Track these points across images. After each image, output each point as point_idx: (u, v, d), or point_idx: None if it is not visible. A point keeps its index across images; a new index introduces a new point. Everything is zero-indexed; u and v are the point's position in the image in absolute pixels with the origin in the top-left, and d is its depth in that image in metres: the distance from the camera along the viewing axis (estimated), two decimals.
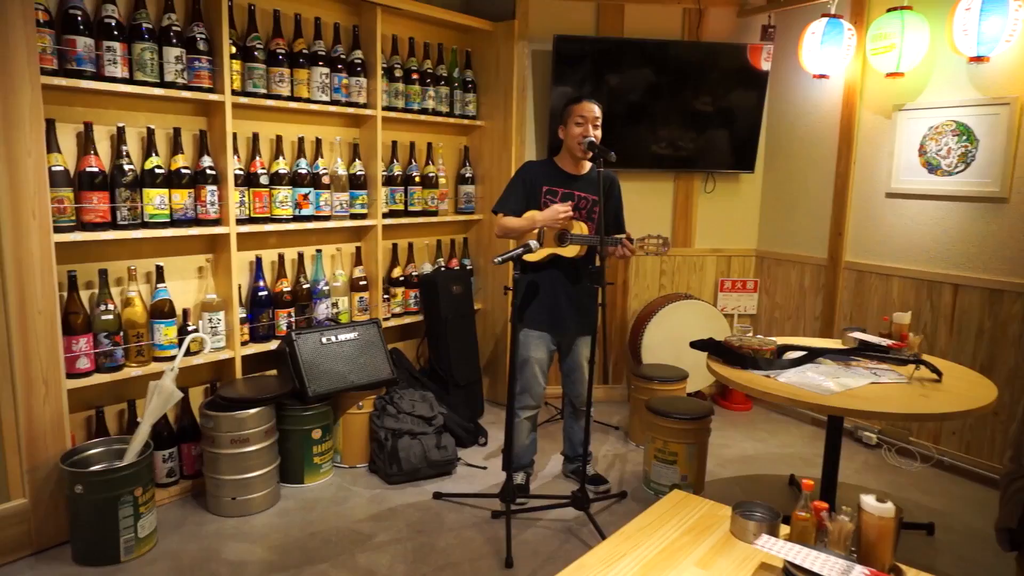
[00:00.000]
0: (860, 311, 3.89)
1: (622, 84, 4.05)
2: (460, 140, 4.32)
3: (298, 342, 3.16)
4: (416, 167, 3.92)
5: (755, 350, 2.77)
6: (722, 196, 4.39)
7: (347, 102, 3.47)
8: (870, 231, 3.82)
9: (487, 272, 4.35)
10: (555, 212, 2.83)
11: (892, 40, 3.34)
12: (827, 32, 3.61)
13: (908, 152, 3.60)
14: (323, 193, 3.42)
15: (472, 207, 4.26)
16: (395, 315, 3.91)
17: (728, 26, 4.23)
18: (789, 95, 4.20)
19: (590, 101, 2.90)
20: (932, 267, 3.54)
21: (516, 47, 4.00)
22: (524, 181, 2.98)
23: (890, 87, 3.65)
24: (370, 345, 3.43)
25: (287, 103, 3.20)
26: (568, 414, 3.24)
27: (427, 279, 3.95)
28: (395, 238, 3.96)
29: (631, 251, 2.83)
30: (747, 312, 4.50)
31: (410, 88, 3.80)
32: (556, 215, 2.83)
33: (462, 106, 4.10)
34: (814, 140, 4.09)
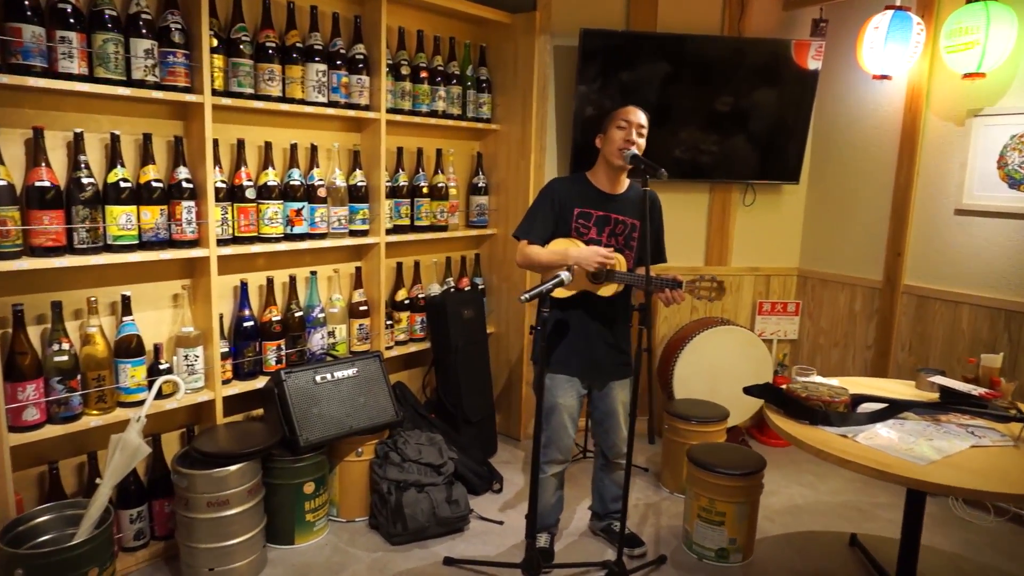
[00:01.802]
0: (922, 342, 3.46)
1: (657, 84, 3.61)
2: (472, 146, 3.89)
3: (288, 382, 2.73)
4: (424, 176, 3.49)
5: (826, 402, 2.34)
6: (762, 209, 3.96)
7: (347, 103, 3.04)
8: (935, 251, 3.39)
9: (500, 292, 3.92)
10: (595, 253, 2.40)
11: (975, 36, 2.90)
12: (893, 27, 3.17)
13: (984, 164, 3.17)
14: (319, 207, 2.99)
15: (485, 220, 3.83)
16: (399, 343, 3.49)
17: (773, 20, 3.79)
18: (841, 98, 3.76)
19: (635, 106, 2.47)
20: (1011, 295, 3.12)
21: (537, 42, 3.57)
22: (552, 202, 2.55)
23: (963, 90, 3.21)
24: (371, 382, 3.00)
25: (278, 105, 2.77)
26: (599, 466, 2.81)
27: (435, 302, 3.53)
28: (400, 256, 3.53)
29: (680, 298, 2.41)
30: (787, 337, 4.07)
31: (418, 88, 3.37)
32: (596, 256, 2.39)
33: (475, 108, 3.67)
34: (869, 148, 3.65)
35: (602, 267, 2.41)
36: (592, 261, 2.39)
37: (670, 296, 2.41)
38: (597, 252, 2.40)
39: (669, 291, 2.42)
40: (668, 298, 2.42)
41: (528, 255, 2.52)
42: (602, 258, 2.39)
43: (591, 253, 2.40)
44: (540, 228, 2.55)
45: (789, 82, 3.67)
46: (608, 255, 2.40)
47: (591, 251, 2.41)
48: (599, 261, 2.39)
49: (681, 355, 3.69)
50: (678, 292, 2.41)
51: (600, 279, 2.50)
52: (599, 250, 2.41)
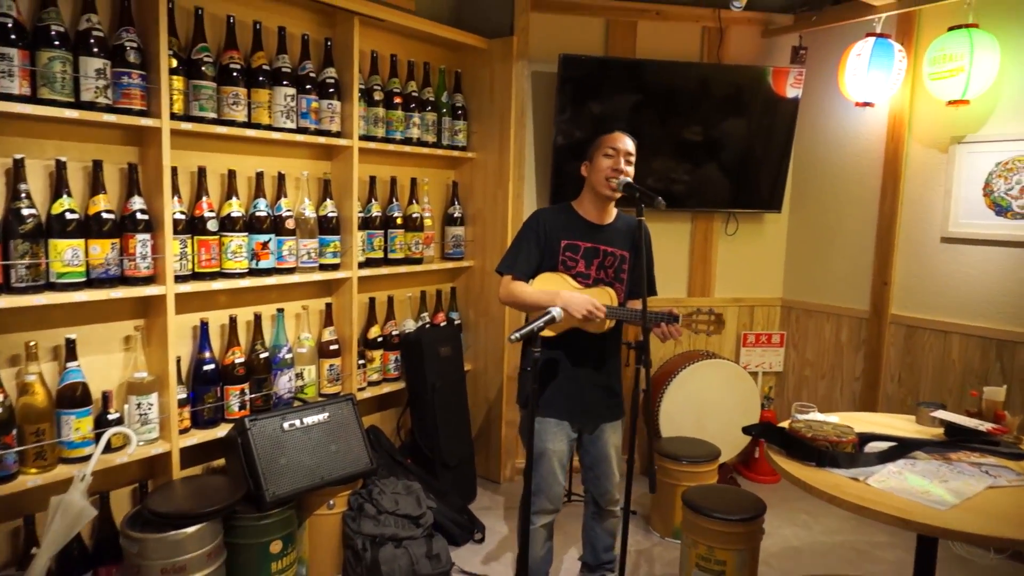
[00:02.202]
0: (912, 373, 3.38)
1: (637, 111, 3.52)
2: (448, 175, 3.73)
3: (253, 430, 2.50)
4: (398, 207, 3.32)
5: (833, 442, 2.21)
6: (745, 238, 3.88)
7: (317, 130, 2.86)
8: (922, 280, 3.34)
9: (478, 327, 3.74)
10: (587, 300, 2.22)
11: (959, 62, 2.88)
12: (875, 54, 3.14)
13: (970, 191, 3.13)
14: (287, 240, 2.79)
15: (461, 252, 3.67)
16: (372, 383, 3.27)
17: (752, 48, 3.75)
18: (823, 125, 3.72)
19: (623, 133, 2.35)
20: (1002, 324, 3.06)
21: (514, 68, 3.46)
22: (538, 235, 2.40)
23: (946, 117, 3.19)
24: (343, 428, 2.78)
25: (243, 130, 2.58)
26: (591, 514, 2.63)
27: (410, 340, 3.33)
28: (373, 291, 3.34)
29: (677, 333, 2.27)
30: (772, 370, 3.97)
31: (392, 114, 3.21)
32: (587, 304, 2.21)
33: (451, 135, 3.53)
34: (852, 176, 3.61)
35: (590, 317, 2.24)
36: (582, 309, 2.22)
37: (666, 331, 2.28)
38: (589, 300, 2.24)
39: (665, 326, 2.28)
40: (664, 333, 2.28)
41: (513, 292, 2.36)
42: (592, 308, 2.22)
43: (583, 301, 2.23)
44: (525, 262, 2.39)
45: (769, 109, 3.62)
46: (598, 309, 2.24)
47: (583, 299, 2.24)
48: (589, 311, 2.22)
49: (667, 391, 3.55)
50: (675, 327, 2.27)
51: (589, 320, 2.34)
52: (594, 303, 2.24)
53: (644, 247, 2.45)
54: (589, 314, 2.22)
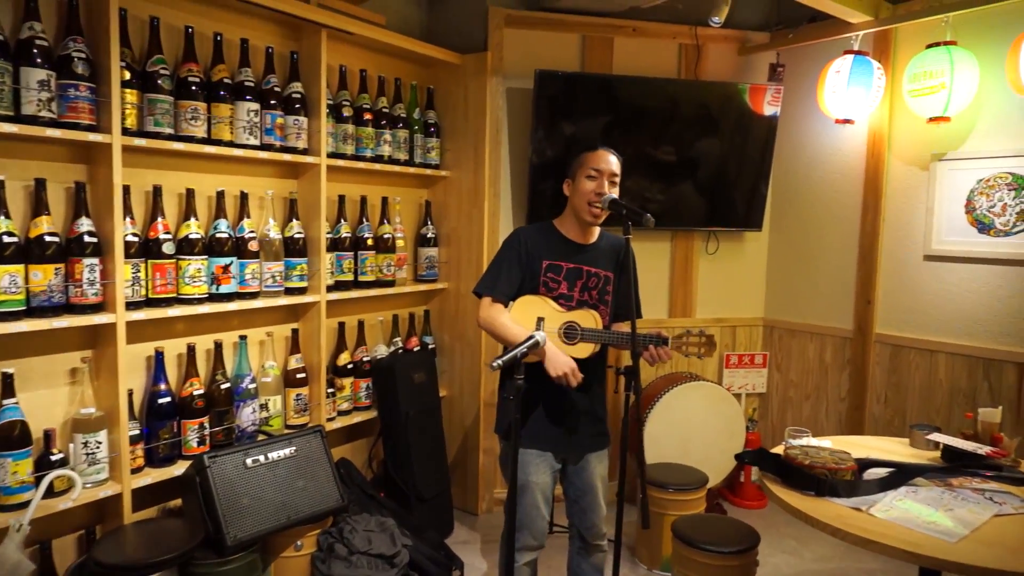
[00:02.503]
0: (898, 393, 3.31)
1: (614, 128, 3.44)
2: (420, 194, 3.60)
3: (213, 468, 2.32)
4: (368, 227, 3.18)
5: (831, 470, 2.10)
6: (726, 257, 3.81)
7: (283, 147, 2.72)
8: (906, 299, 3.28)
9: (453, 352, 3.60)
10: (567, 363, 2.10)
11: (940, 79, 2.85)
12: (854, 71, 3.11)
13: (952, 208, 3.10)
14: (250, 263, 2.62)
15: (435, 273, 3.53)
16: (342, 413, 3.10)
17: (730, 65, 3.71)
18: (801, 142, 3.68)
19: (607, 151, 2.25)
20: (989, 342, 3.01)
21: (488, 84, 3.36)
22: (519, 255, 2.27)
23: (926, 134, 3.16)
24: (312, 462, 2.60)
25: (202, 147, 2.42)
26: (576, 549, 2.47)
27: (382, 366, 3.17)
28: (342, 315, 3.18)
29: (667, 356, 2.16)
30: (756, 391, 3.88)
31: (361, 131, 3.08)
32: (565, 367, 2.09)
33: (423, 153, 3.41)
34: (832, 194, 3.56)
35: (562, 382, 2.12)
36: (557, 369, 2.10)
37: (655, 354, 2.16)
38: (568, 363, 2.11)
39: (654, 348, 2.16)
40: (653, 356, 2.17)
41: (493, 323, 2.21)
42: (569, 374, 2.10)
43: (562, 362, 2.11)
44: (506, 283, 2.26)
45: (747, 126, 3.57)
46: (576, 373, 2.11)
47: (563, 360, 2.11)
48: (563, 373, 2.10)
49: (650, 415, 3.43)
50: (664, 350, 2.16)
51: (574, 337, 2.22)
52: (570, 362, 2.11)
53: (626, 265, 2.36)
54: (564, 379, 2.10)
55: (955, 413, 3.11)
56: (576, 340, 2.21)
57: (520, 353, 1.95)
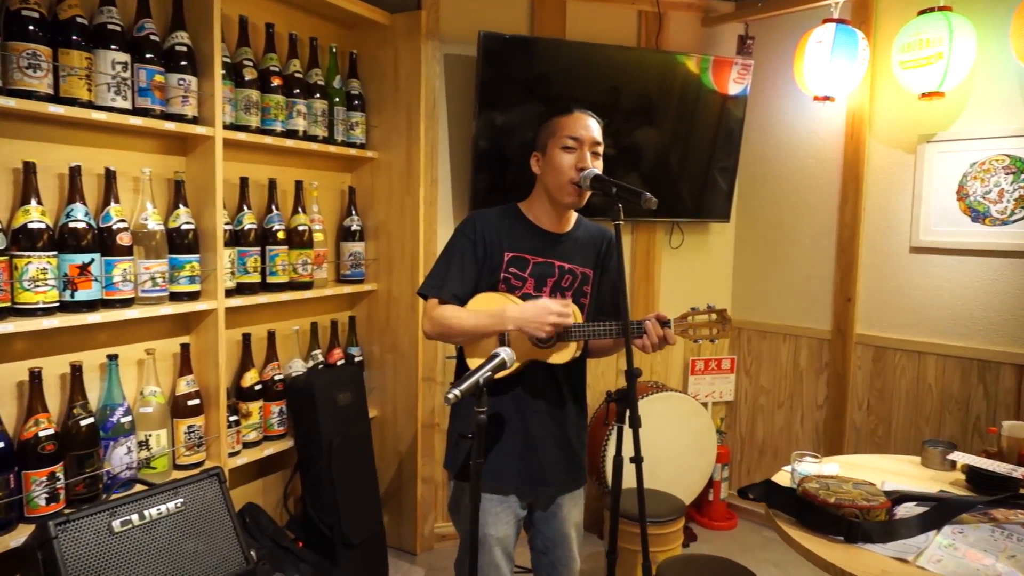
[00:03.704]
0: (882, 399, 3.01)
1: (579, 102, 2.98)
2: (342, 178, 3.05)
3: (62, 538, 1.71)
4: (279, 217, 2.61)
5: (862, 508, 1.71)
6: (690, 251, 3.43)
7: (164, 113, 2.13)
8: (891, 295, 2.98)
9: (385, 365, 3.07)
10: (545, 310, 1.65)
11: (937, 48, 2.53)
12: (838, 41, 2.77)
13: (941, 195, 2.81)
14: (120, 261, 2.02)
15: (361, 273, 2.99)
16: (248, 445, 2.52)
17: (695, 36, 3.33)
18: (773, 124, 3.34)
19: (585, 113, 1.79)
20: (983, 342, 2.73)
21: (423, 48, 2.84)
22: (475, 245, 1.79)
23: (912, 113, 2.86)
24: (206, 516, 2.02)
25: (45, 105, 1.81)
26: None
27: (299, 386, 2.61)
28: (247, 325, 2.60)
29: (670, 340, 1.73)
30: (723, 399, 3.52)
31: (269, 99, 2.51)
32: (547, 316, 1.65)
33: (346, 130, 2.86)
34: (807, 181, 3.23)
35: (558, 328, 1.66)
36: (543, 324, 1.64)
37: (653, 341, 1.72)
38: (547, 309, 1.65)
39: (651, 327, 1.73)
40: (653, 343, 1.73)
41: (443, 320, 1.72)
42: (556, 318, 1.65)
43: (539, 311, 1.65)
44: (457, 281, 1.77)
45: (711, 104, 3.19)
46: (563, 310, 1.66)
47: (539, 308, 1.66)
48: (553, 323, 1.65)
49: (613, 433, 3.00)
50: (667, 332, 1.72)
51: (550, 339, 1.75)
52: (549, 304, 1.66)
53: (610, 257, 1.92)
54: (555, 327, 1.64)
55: (947, 421, 2.83)
56: (552, 341, 1.74)
57: (484, 378, 1.47)
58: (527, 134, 2.95)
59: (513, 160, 2.93)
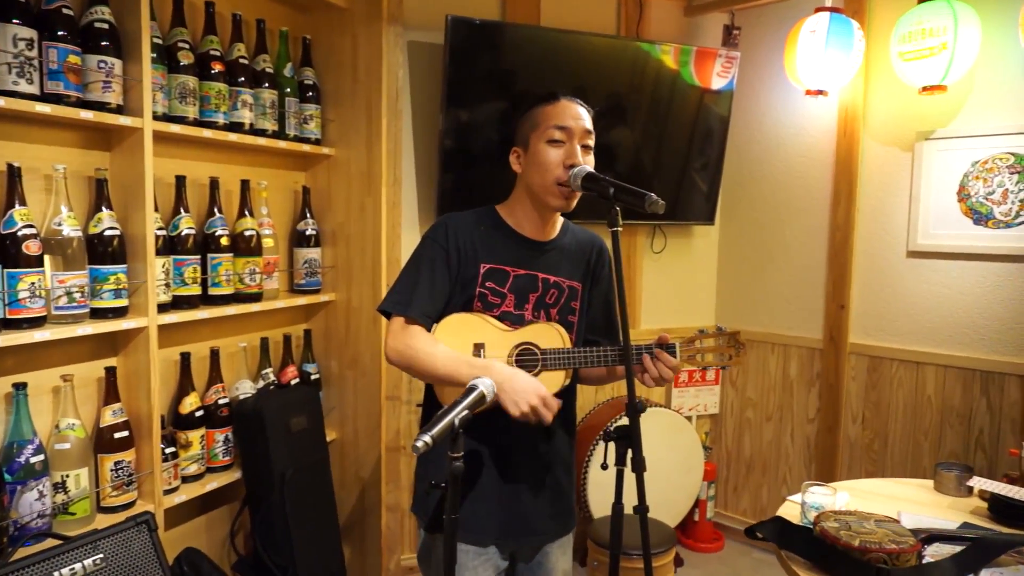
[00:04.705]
0: (878, 412, 2.84)
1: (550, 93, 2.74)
2: (295, 177, 2.76)
3: None
4: (222, 221, 2.31)
5: (890, 552, 1.51)
6: (673, 257, 3.22)
7: (81, 100, 1.83)
8: (886, 303, 2.81)
9: (344, 382, 2.79)
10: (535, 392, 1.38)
11: (942, 39, 2.36)
12: (832, 31, 2.59)
13: (941, 196, 2.65)
14: (26, 274, 1.72)
15: (317, 282, 2.71)
16: (189, 479, 2.22)
17: (678, 26, 3.13)
18: (760, 120, 3.15)
19: (573, 101, 1.54)
20: (986, 352, 2.58)
21: (385, 35, 2.57)
22: (448, 253, 1.53)
23: (909, 109, 2.70)
24: (134, 571, 1.73)
25: None
26: None
27: (246, 411, 2.32)
28: (186, 343, 2.30)
29: (677, 369, 1.51)
30: (708, 412, 3.32)
31: (209, 87, 2.21)
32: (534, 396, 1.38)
33: (299, 124, 2.58)
34: (797, 181, 3.05)
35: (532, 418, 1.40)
36: (522, 403, 1.37)
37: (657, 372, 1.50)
38: (536, 391, 1.39)
39: (652, 362, 1.50)
40: (656, 375, 1.51)
41: (411, 353, 1.45)
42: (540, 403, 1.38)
43: (527, 389, 1.38)
44: (427, 296, 1.51)
45: (695, 98, 2.99)
46: (551, 402, 1.41)
47: (530, 386, 1.39)
48: (533, 407, 1.38)
49: (594, 454, 2.78)
50: (666, 362, 1.50)
51: (534, 365, 1.50)
52: (540, 388, 1.40)
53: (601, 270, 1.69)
54: (533, 413, 1.38)
55: (948, 436, 2.66)
56: (537, 369, 1.49)
57: (460, 419, 1.22)
58: (501, 130, 2.70)
59: (484, 158, 2.69)
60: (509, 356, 1.49)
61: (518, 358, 1.50)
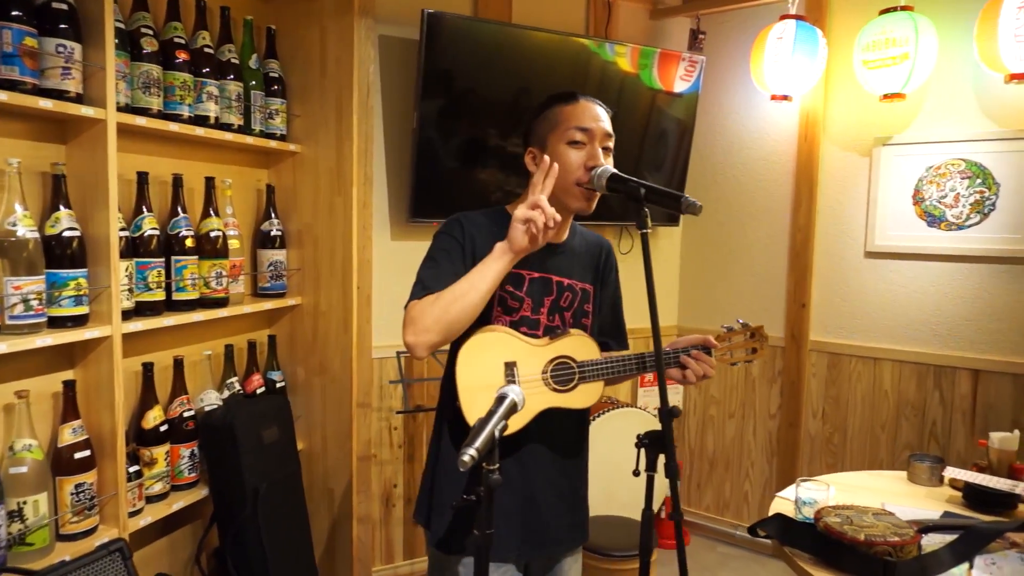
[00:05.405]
0: (837, 407, 2.95)
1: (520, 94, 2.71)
2: (258, 175, 2.62)
3: None
4: (187, 221, 2.16)
5: (894, 545, 1.55)
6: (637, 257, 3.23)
7: (38, 87, 1.66)
8: (845, 301, 2.92)
9: (311, 389, 2.67)
10: (523, 213, 1.31)
11: (904, 48, 2.47)
12: (799, 38, 2.66)
13: (897, 199, 2.77)
14: None
15: (283, 285, 2.57)
16: (153, 499, 2.07)
17: (645, 28, 3.15)
18: (723, 123, 3.21)
19: (591, 101, 1.51)
20: (939, 347, 2.71)
21: (356, 27, 2.47)
22: (464, 249, 1.46)
23: (867, 116, 2.81)
24: None
25: None
26: None
27: (214, 423, 2.17)
28: (149, 353, 2.14)
29: (710, 371, 1.51)
30: None
31: (173, 76, 2.06)
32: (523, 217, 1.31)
33: (264, 118, 2.44)
34: (759, 183, 3.13)
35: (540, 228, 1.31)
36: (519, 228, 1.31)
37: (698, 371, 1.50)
38: (519, 216, 1.32)
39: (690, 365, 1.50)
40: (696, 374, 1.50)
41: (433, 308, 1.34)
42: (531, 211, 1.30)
43: (515, 219, 1.32)
44: (450, 277, 1.41)
45: (657, 99, 3.02)
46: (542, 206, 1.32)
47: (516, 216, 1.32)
48: (524, 218, 1.30)
49: None
50: (708, 361, 1.50)
51: (570, 380, 1.47)
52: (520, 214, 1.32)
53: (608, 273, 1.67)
54: (528, 220, 1.31)
55: (903, 428, 2.79)
56: (574, 383, 1.46)
57: (499, 428, 1.16)
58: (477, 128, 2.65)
59: (459, 157, 2.62)
60: (543, 372, 1.45)
61: (553, 372, 1.45)
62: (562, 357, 1.46)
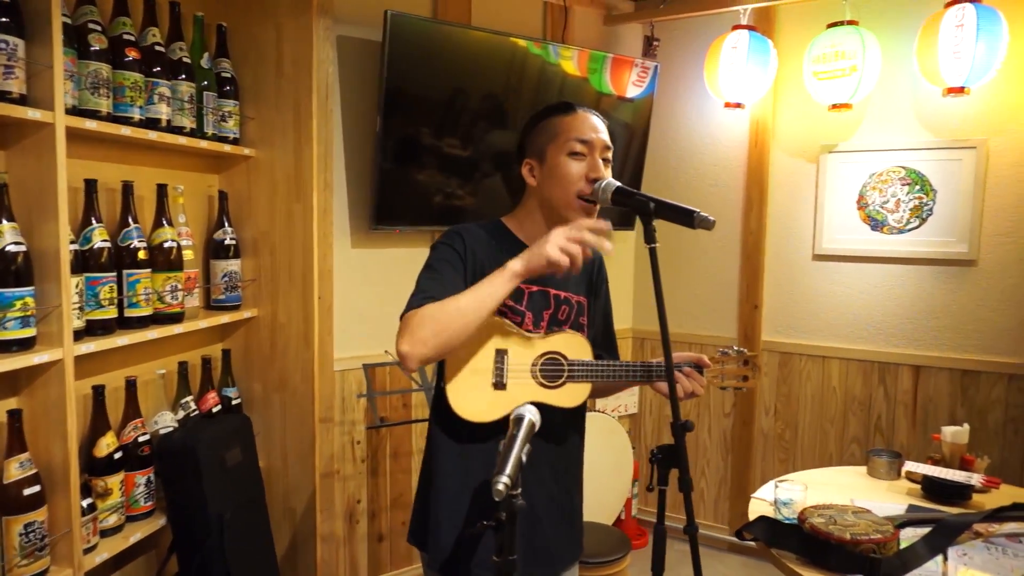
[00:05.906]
0: (788, 404, 3.06)
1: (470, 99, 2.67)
2: (209, 180, 2.47)
3: None
4: (138, 231, 2.01)
5: (878, 543, 1.62)
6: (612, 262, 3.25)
7: None
8: (795, 302, 3.04)
9: (270, 406, 2.54)
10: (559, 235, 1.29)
11: (852, 61, 2.58)
12: (752, 47, 2.74)
13: (842, 204, 2.90)
14: None
15: (238, 297, 2.44)
16: (108, 533, 1.91)
17: (600, 33, 3.16)
18: (676, 129, 3.27)
19: (588, 111, 1.49)
20: (883, 345, 2.86)
21: (315, 26, 2.36)
22: (464, 262, 1.42)
23: (814, 124, 2.93)
24: None
25: None
26: None
27: (173, 447, 2.04)
28: (98, 374, 1.98)
29: (700, 389, 1.52)
30: (628, 412, 3.41)
31: (123, 76, 1.91)
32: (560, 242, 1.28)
33: (217, 121, 2.30)
34: (711, 188, 3.21)
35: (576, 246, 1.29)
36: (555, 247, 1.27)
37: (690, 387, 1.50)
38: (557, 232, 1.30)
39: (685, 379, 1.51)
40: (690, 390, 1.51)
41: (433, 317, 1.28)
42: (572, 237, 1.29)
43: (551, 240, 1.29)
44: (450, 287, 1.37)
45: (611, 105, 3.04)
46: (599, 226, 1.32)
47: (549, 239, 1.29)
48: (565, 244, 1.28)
49: None
50: (698, 381, 1.51)
51: (559, 377, 1.44)
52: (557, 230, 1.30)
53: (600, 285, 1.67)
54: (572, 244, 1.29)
55: (851, 422, 2.93)
56: (562, 380, 1.43)
57: (525, 451, 1.14)
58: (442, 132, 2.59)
59: (424, 162, 2.56)
60: (533, 364, 1.42)
61: (543, 367, 1.43)
62: (554, 353, 1.43)
